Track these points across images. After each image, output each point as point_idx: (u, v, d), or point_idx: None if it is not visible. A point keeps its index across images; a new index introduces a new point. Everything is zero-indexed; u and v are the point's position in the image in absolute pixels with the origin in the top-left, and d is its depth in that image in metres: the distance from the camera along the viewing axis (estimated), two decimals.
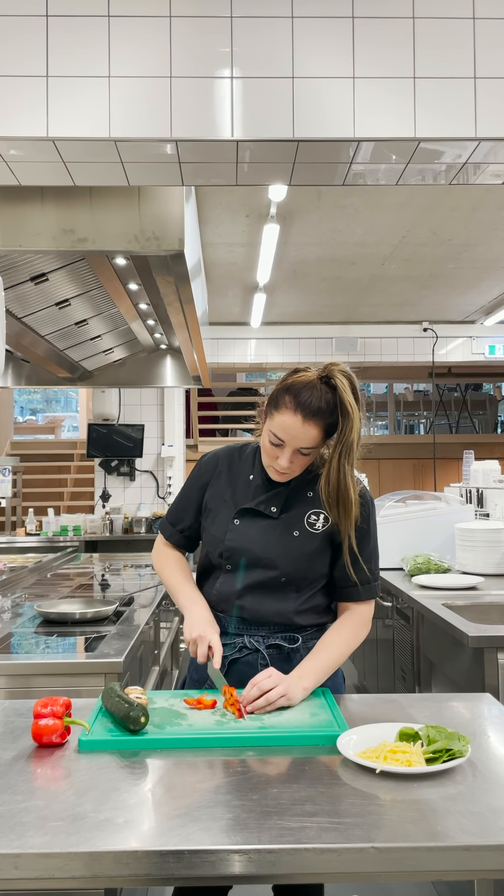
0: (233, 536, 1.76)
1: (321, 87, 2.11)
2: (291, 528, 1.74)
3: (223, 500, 1.80)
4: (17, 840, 1.08)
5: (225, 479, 1.83)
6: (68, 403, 18.31)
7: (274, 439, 1.67)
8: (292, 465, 1.69)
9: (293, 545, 1.73)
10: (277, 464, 1.69)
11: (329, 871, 1.07)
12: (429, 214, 5.14)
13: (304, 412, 1.62)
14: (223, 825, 1.11)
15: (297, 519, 1.75)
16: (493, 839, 1.07)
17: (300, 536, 1.74)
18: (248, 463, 1.83)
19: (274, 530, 1.75)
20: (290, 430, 1.63)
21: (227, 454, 1.87)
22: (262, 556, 1.74)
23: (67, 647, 2.34)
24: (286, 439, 1.65)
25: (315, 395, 1.62)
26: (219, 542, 1.78)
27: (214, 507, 1.82)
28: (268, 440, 1.69)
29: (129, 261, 3.17)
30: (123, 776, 1.30)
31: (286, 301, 7.45)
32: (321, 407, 1.62)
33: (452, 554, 3.73)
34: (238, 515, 1.77)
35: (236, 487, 1.81)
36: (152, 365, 5.98)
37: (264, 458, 1.74)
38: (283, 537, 1.74)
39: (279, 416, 1.64)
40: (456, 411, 12.92)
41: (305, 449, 1.66)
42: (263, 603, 1.75)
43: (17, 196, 2.77)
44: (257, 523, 1.76)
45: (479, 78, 2.13)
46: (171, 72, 2.10)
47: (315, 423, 1.63)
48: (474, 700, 1.71)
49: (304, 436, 1.64)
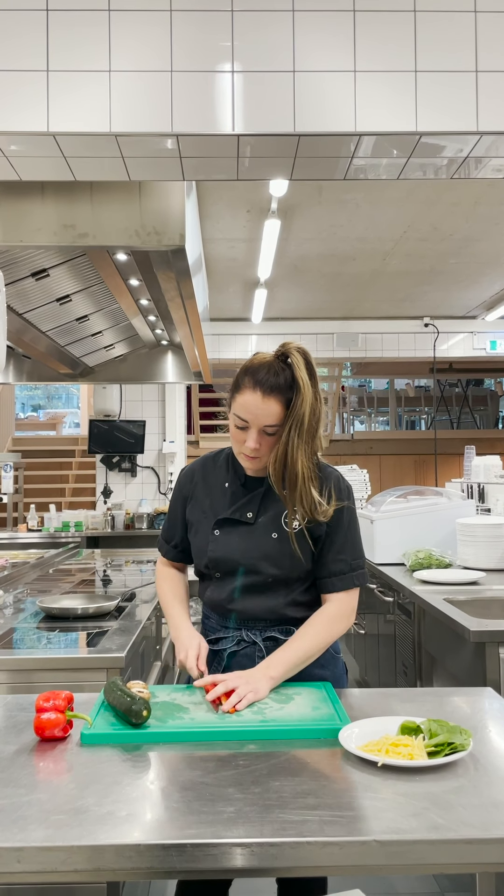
0: (214, 547, 1.79)
1: (322, 81, 2.11)
2: (269, 531, 1.76)
3: (202, 512, 1.83)
4: (20, 833, 1.08)
5: (201, 489, 1.86)
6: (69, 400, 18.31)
7: (238, 422, 1.69)
8: (260, 448, 1.70)
9: (273, 548, 1.75)
10: (245, 447, 1.70)
11: (331, 865, 1.08)
12: (430, 209, 5.13)
13: (262, 388, 1.65)
14: (225, 818, 1.12)
15: (274, 521, 1.76)
16: (495, 832, 1.07)
17: (279, 538, 1.75)
18: (221, 470, 1.86)
19: (252, 536, 1.76)
20: (251, 409, 1.66)
21: (202, 465, 1.90)
22: (245, 562, 1.76)
23: (69, 643, 2.34)
24: (249, 419, 1.67)
25: (272, 372, 1.66)
26: (203, 553, 1.81)
27: (195, 519, 1.85)
28: (234, 426, 1.71)
29: (130, 256, 3.16)
30: (126, 770, 1.30)
31: (287, 297, 7.44)
32: (279, 383, 1.65)
33: (454, 549, 3.73)
34: (217, 526, 1.79)
35: (213, 497, 1.83)
36: (153, 361, 5.98)
37: (234, 447, 1.76)
38: (262, 541, 1.76)
39: (240, 397, 1.68)
40: (457, 407, 12.91)
41: (270, 427, 1.67)
42: (255, 603, 1.78)
43: (18, 191, 2.77)
44: (236, 531, 1.78)
45: (481, 71, 2.12)
46: (171, 66, 2.09)
47: (275, 398, 1.65)
48: (476, 694, 1.72)
49: (266, 412, 1.65)
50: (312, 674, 1.76)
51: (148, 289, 3.74)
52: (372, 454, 11.47)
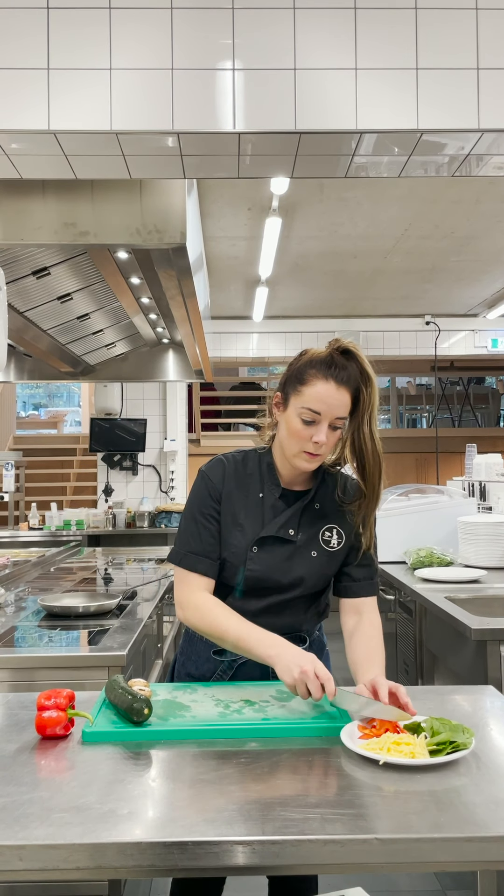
0: (253, 567, 1.68)
1: (323, 79, 2.10)
2: (309, 549, 1.71)
3: (237, 525, 1.69)
4: (22, 831, 1.08)
5: (237, 498, 1.71)
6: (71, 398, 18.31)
7: (307, 415, 1.61)
8: (326, 444, 1.63)
9: (313, 566, 1.70)
10: (312, 443, 1.61)
11: (332, 862, 1.08)
12: (431, 207, 5.13)
13: (336, 378, 1.61)
14: (227, 816, 1.12)
15: (313, 538, 1.71)
16: (497, 830, 1.07)
17: (318, 556, 1.71)
18: (254, 479, 1.73)
19: (294, 555, 1.70)
20: (326, 399, 1.60)
21: (233, 468, 1.74)
22: (284, 582, 1.70)
23: (71, 641, 2.34)
24: (322, 409, 1.60)
25: (340, 363, 1.63)
26: (235, 569, 1.69)
27: (228, 531, 1.70)
28: (298, 422, 1.62)
29: (131, 254, 3.16)
30: (127, 768, 1.30)
31: (288, 295, 7.43)
32: (349, 375, 1.62)
33: (455, 547, 3.73)
34: (257, 543, 1.69)
35: (248, 508, 1.70)
36: (154, 359, 5.97)
37: (293, 446, 1.64)
38: (303, 561, 1.70)
39: (310, 388, 1.61)
40: (458, 405, 12.90)
41: (339, 420, 1.63)
42: (277, 619, 1.71)
43: (19, 189, 2.76)
44: (278, 550, 1.69)
45: (482, 69, 2.12)
46: (172, 64, 2.09)
47: (347, 389, 1.62)
48: (477, 692, 1.72)
49: (340, 402, 1.61)
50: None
51: (149, 287, 3.74)
52: None
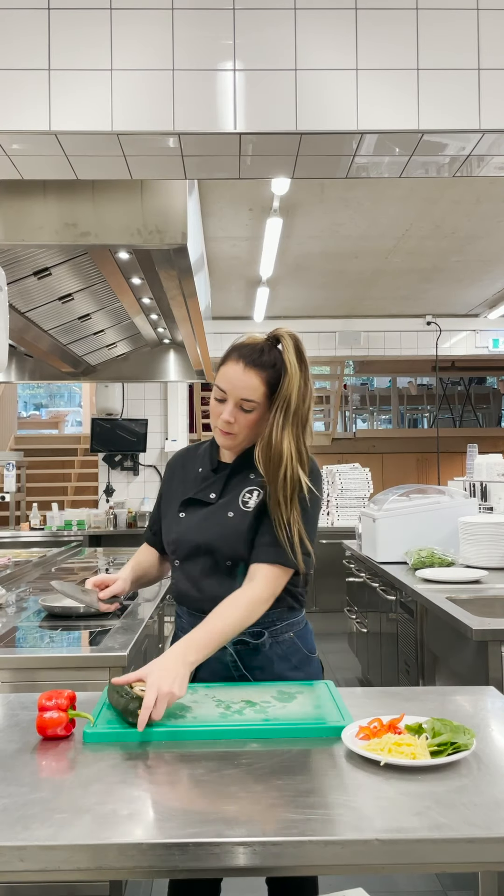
0: (177, 528, 1.80)
1: (324, 80, 2.10)
2: (227, 509, 1.76)
3: (175, 498, 1.85)
4: (23, 832, 1.08)
5: (178, 478, 1.88)
6: (72, 398, 18.31)
7: (218, 394, 1.72)
8: (236, 423, 1.70)
9: (228, 525, 1.74)
10: (221, 420, 1.71)
11: (333, 863, 1.08)
12: (432, 207, 5.13)
13: (245, 360, 1.68)
14: (227, 817, 1.12)
15: (232, 500, 1.76)
16: (498, 831, 1.07)
17: (234, 516, 1.74)
18: (200, 458, 1.88)
19: (212, 515, 1.77)
20: (231, 379, 1.69)
21: (183, 454, 1.94)
22: (201, 541, 1.75)
23: (72, 641, 2.34)
24: (228, 388, 1.69)
25: (257, 349, 1.70)
26: (168, 535, 1.83)
27: (166, 507, 1.88)
28: (214, 398, 1.74)
29: (132, 255, 3.16)
30: (128, 768, 1.30)
31: (289, 295, 7.43)
32: (262, 360, 1.69)
33: (456, 548, 3.73)
34: (182, 507, 1.81)
35: (186, 484, 1.85)
36: (155, 359, 5.97)
37: (213, 421, 1.76)
38: (219, 520, 1.75)
39: (224, 367, 1.71)
40: (459, 405, 12.89)
41: (246, 402, 1.69)
42: (218, 591, 1.69)
43: (20, 190, 2.76)
44: (199, 511, 1.79)
45: (483, 69, 2.12)
46: (173, 65, 2.09)
47: (255, 372, 1.68)
48: (478, 693, 1.72)
49: (244, 384, 1.67)
50: (286, 675, 1.74)
51: (150, 287, 3.74)
52: (374, 452, 11.46)
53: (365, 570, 4.27)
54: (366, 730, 1.39)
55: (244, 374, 1.67)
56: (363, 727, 1.40)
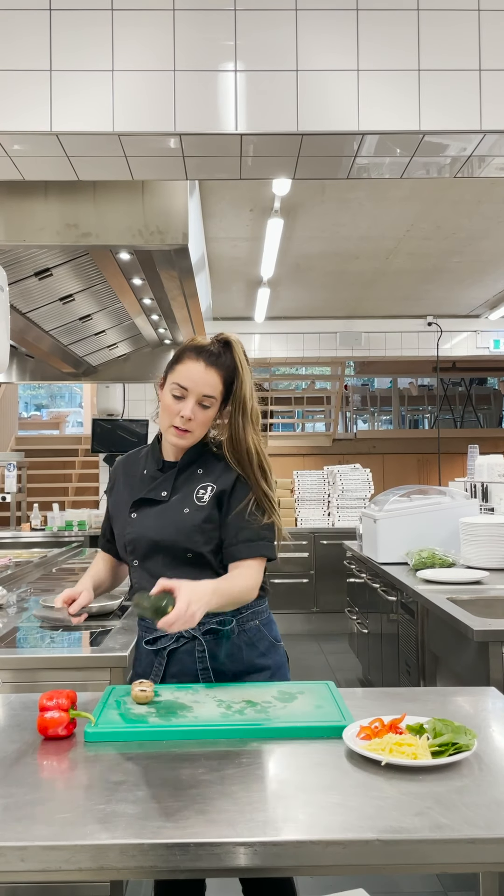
0: (131, 529, 1.82)
1: (325, 81, 2.10)
2: (182, 506, 1.79)
3: (123, 501, 1.87)
4: (24, 832, 1.08)
5: (122, 482, 1.91)
6: (72, 399, 18.32)
7: (177, 391, 1.74)
8: (194, 420, 1.74)
9: (184, 521, 1.77)
10: (179, 418, 1.74)
11: (334, 863, 1.08)
12: (433, 208, 5.13)
13: (206, 358, 1.74)
14: (229, 817, 1.12)
15: (187, 496, 1.79)
16: (499, 832, 1.07)
17: (190, 512, 1.77)
18: (141, 461, 1.91)
19: (166, 512, 1.79)
20: (193, 376, 1.73)
21: (124, 460, 1.97)
22: (159, 538, 1.78)
23: (73, 642, 2.34)
24: (189, 385, 1.73)
25: (214, 352, 1.76)
26: (122, 538, 1.85)
27: (115, 511, 1.90)
28: (170, 397, 1.75)
29: (133, 255, 3.16)
30: (129, 768, 1.30)
31: (290, 296, 7.43)
32: (220, 360, 1.76)
33: (457, 548, 3.72)
34: (133, 508, 1.83)
35: (132, 486, 1.87)
36: (156, 360, 5.97)
37: (164, 420, 1.78)
38: (175, 517, 1.78)
39: (181, 366, 1.75)
40: (460, 406, 12.89)
41: (207, 399, 1.74)
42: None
43: (21, 191, 2.77)
44: (151, 510, 1.81)
45: (484, 70, 2.12)
46: (174, 65, 2.09)
47: (216, 370, 1.74)
48: (479, 694, 1.72)
49: (206, 381, 1.73)
50: (254, 663, 1.78)
51: (151, 288, 3.74)
52: (375, 453, 11.46)
53: (366, 570, 4.27)
54: (367, 730, 1.39)
55: (206, 372, 1.73)
56: (364, 727, 1.40)
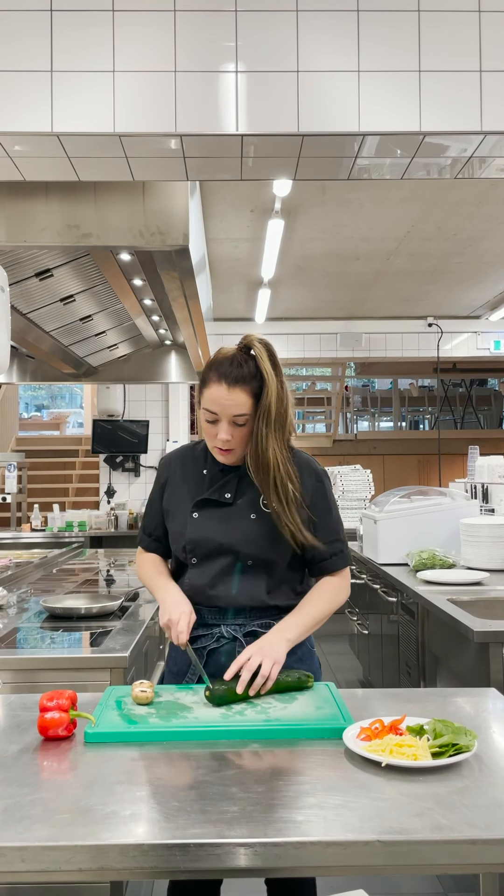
0: (192, 529, 1.80)
1: (326, 81, 2.10)
2: (248, 511, 1.78)
3: (180, 499, 1.85)
4: (24, 833, 1.08)
5: (179, 477, 1.88)
6: (73, 399, 18.32)
7: (208, 416, 1.73)
8: (232, 439, 1.73)
9: (252, 529, 1.76)
10: (217, 440, 1.73)
11: (334, 865, 1.08)
12: (434, 209, 5.13)
13: (227, 380, 1.69)
14: (229, 818, 1.12)
15: (253, 502, 1.78)
16: (499, 833, 1.07)
17: (257, 519, 1.77)
18: (200, 459, 1.88)
19: (231, 516, 1.78)
20: (218, 401, 1.70)
21: (181, 454, 1.93)
22: (223, 542, 1.77)
23: (73, 642, 2.34)
24: (218, 410, 1.71)
25: (235, 364, 1.71)
26: (181, 536, 1.82)
27: (173, 507, 1.87)
28: (205, 421, 1.75)
29: (134, 256, 3.16)
30: (129, 769, 1.30)
31: (291, 296, 7.43)
32: (243, 373, 1.70)
33: (457, 549, 3.72)
34: (195, 508, 1.81)
35: (191, 484, 1.85)
36: (157, 361, 5.98)
37: (208, 442, 1.79)
38: (240, 522, 1.77)
39: (207, 391, 1.72)
40: (461, 407, 12.89)
41: (239, 417, 1.71)
42: (234, 589, 1.77)
43: (22, 191, 2.77)
44: (215, 512, 1.79)
45: (485, 71, 2.12)
46: (175, 66, 2.09)
47: (241, 388, 1.70)
48: (479, 695, 1.71)
49: (233, 403, 1.69)
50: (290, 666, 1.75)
51: (151, 289, 3.74)
52: (375, 454, 11.46)
53: (366, 571, 4.27)
54: (367, 731, 1.39)
55: (230, 393, 1.69)
56: (364, 728, 1.40)
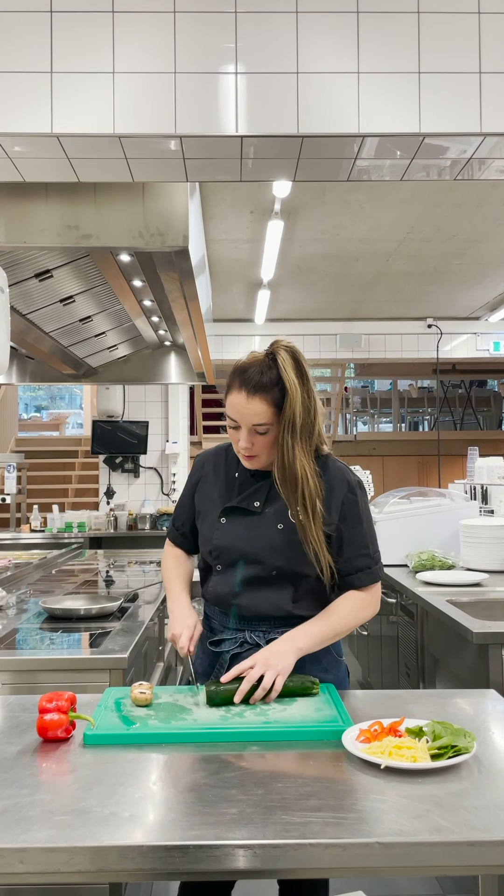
0: (219, 535, 1.79)
1: (326, 83, 2.10)
2: (276, 521, 1.76)
3: (211, 501, 1.84)
4: (23, 834, 1.08)
5: (212, 478, 1.87)
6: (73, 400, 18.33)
7: (231, 422, 1.72)
8: (254, 446, 1.71)
9: (278, 538, 1.74)
10: (240, 447, 1.72)
11: (333, 866, 1.08)
12: (433, 210, 5.13)
13: (247, 388, 1.67)
14: (228, 820, 1.12)
15: (281, 512, 1.76)
16: (498, 834, 1.07)
17: (285, 529, 1.74)
18: (233, 461, 1.86)
19: (259, 525, 1.76)
20: (238, 409, 1.68)
21: (215, 454, 1.91)
22: (249, 551, 1.76)
23: (72, 643, 2.34)
24: (238, 418, 1.69)
25: (257, 371, 1.68)
26: (208, 541, 1.82)
27: (204, 508, 1.86)
28: (229, 426, 1.74)
29: (134, 257, 3.16)
30: (128, 770, 1.30)
31: (290, 297, 7.43)
32: (264, 382, 1.67)
33: (457, 550, 3.72)
34: (224, 514, 1.80)
35: (223, 486, 1.84)
36: (156, 362, 5.97)
37: (235, 447, 1.77)
38: (268, 531, 1.75)
39: (229, 398, 1.71)
40: (460, 408, 12.90)
41: (259, 426, 1.68)
42: (259, 598, 1.76)
43: (22, 192, 2.77)
44: (243, 520, 1.78)
45: (485, 73, 2.12)
46: (175, 67, 2.09)
47: (261, 397, 1.66)
48: (479, 696, 1.71)
49: (252, 412, 1.67)
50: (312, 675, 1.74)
51: (151, 290, 3.74)
52: (375, 455, 11.46)
53: None
54: (366, 733, 1.39)
55: (248, 402, 1.67)
56: (364, 730, 1.40)
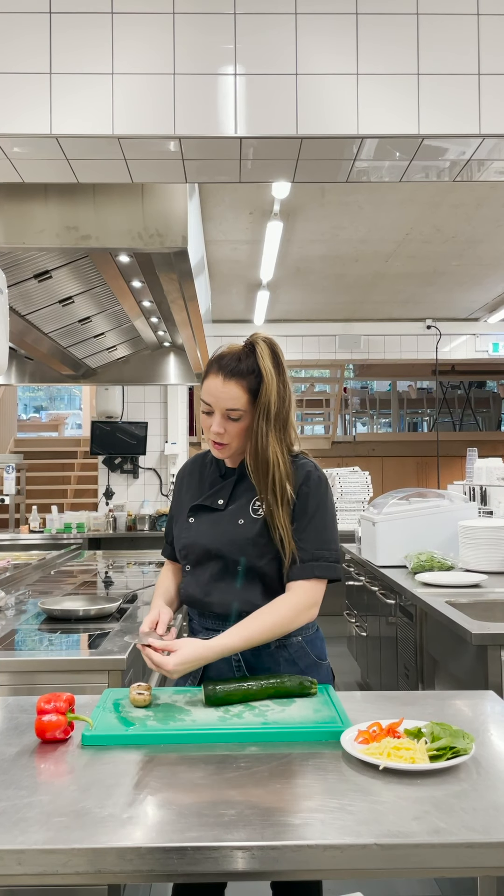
0: (186, 534, 1.82)
1: (325, 84, 2.11)
2: (237, 517, 1.78)
3: (184, 505, 1.88)
4: (21, 836, 1.08)
5: (187, 484, 1.91)
6: (72, 401, 18.33)
7: (205, 407, 1.74)
8: (226, 433, 1.73)
9: (238, 532, 1.76)
10: (211, 432, 1.74)
11: (332, 868, 1.07)
12: (433, 211, 5.13)
13: (223, 372, 1.71)
14: (226, 821, 1.11)
15: (243, 507, 1.78)
16: (497, 836, 1.07)
17: (245, 524, 1.76)
18: (207, 465, 1.90)
19: (221, 521, 1.79)
20: (213, 392, 1.71)
21: (192, 461, 1.96)
22: (211, 547, 1.77)
23: (71, 644, 2.34)
24: (212, 402, 1.72)
25: (234, 358, 1.72)
26: (178, 541, 1.85)
27: (177, 512, 1.90)
28: (202, 412, 1.76)
29: (133, 258, 3.16)
30: (127, 772, 1.30)
31: (289, 298, 7.44)
32: (240, 368, 1.71)
33: (456, 551, 3.72)
34: (191, 513, 1.83)
35: (195, 489, 1.88)
36: (155, 362, 5.98)
37: (206, 435, 1.79)
38: (228, 527, 1.77)
39: (206, 381, 1.74)
40: (459, 409, 12.90)
41: (233, 411, 1.71)
42: (230, 595, 1.76)
43: (21, 193, 2.77)
44: (207, 517, 1.81)
45: (483, 74, 2.12)
46: (174, 69, 2.09)
47: (235, 382, 1.70)
48: (478, 698, 1.71)
49: (227, 395, 1.70)
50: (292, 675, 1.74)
51: (150, 290, 3.74)
52: (374, 456, 11.47)
53: (364, 573, 4.26)
54: (365, 734, 1.39)
55: (224, 385, 1.70)
56: (362, 731, 1.40)
